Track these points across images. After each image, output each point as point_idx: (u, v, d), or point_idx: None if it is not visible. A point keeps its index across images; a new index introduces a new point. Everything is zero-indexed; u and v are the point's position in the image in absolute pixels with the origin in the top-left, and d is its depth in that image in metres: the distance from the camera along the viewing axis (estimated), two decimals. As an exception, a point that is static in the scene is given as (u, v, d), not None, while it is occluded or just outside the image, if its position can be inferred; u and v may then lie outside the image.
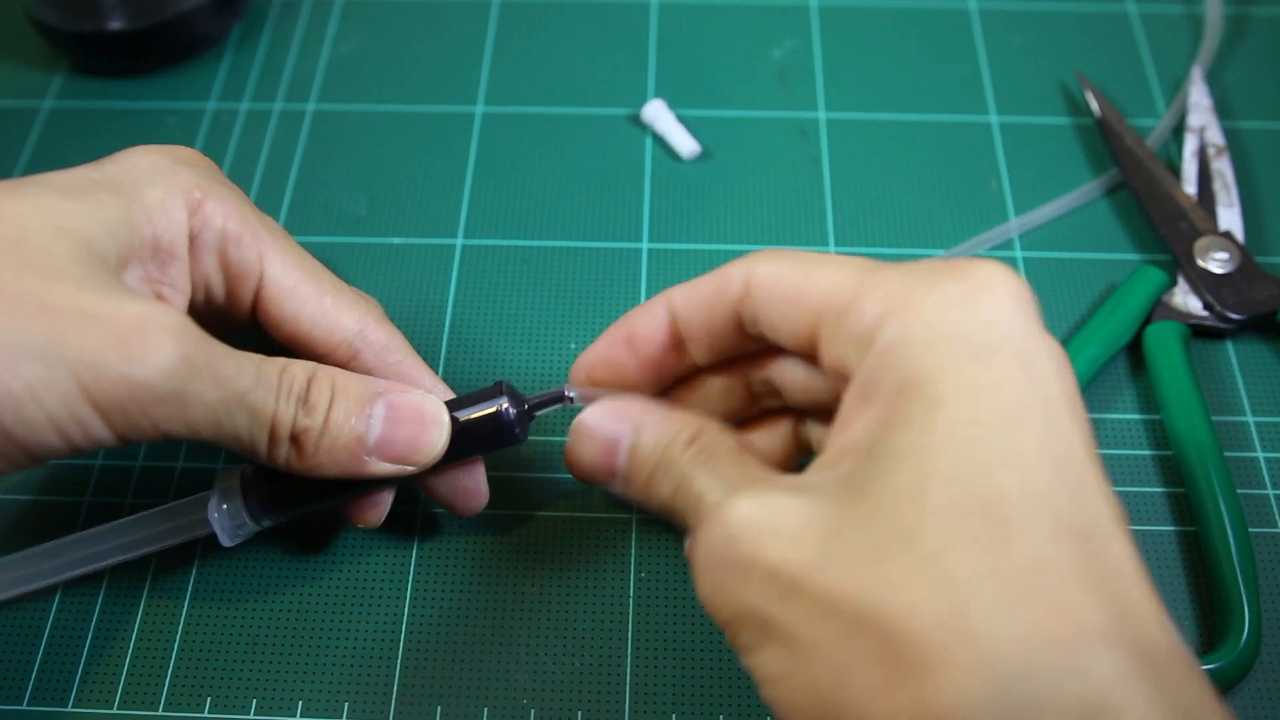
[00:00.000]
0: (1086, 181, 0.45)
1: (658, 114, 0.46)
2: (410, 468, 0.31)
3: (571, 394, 0.32)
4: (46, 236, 0.27)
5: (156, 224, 0.30)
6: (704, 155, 0.46)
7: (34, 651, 0.34)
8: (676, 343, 0.31)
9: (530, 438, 0.38)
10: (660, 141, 0.46)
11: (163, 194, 0.30)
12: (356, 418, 0.30)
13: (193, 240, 0.31)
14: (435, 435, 0.31)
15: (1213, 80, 0.48)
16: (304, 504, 0.33)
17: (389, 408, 0.31)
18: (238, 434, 0.28)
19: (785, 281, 0.28)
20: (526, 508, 0.37)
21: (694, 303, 0.30)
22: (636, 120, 0.47)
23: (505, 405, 0.32)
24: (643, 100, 0.48)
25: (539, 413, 0.32)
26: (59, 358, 0.25)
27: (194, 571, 0.36)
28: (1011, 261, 0.43)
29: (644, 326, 0.31)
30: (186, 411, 0.27)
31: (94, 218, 0.28)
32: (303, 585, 0.35)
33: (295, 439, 0.29)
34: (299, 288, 0.32)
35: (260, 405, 0.29)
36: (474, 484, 0.34)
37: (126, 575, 0.36)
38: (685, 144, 0.46)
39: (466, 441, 0.32)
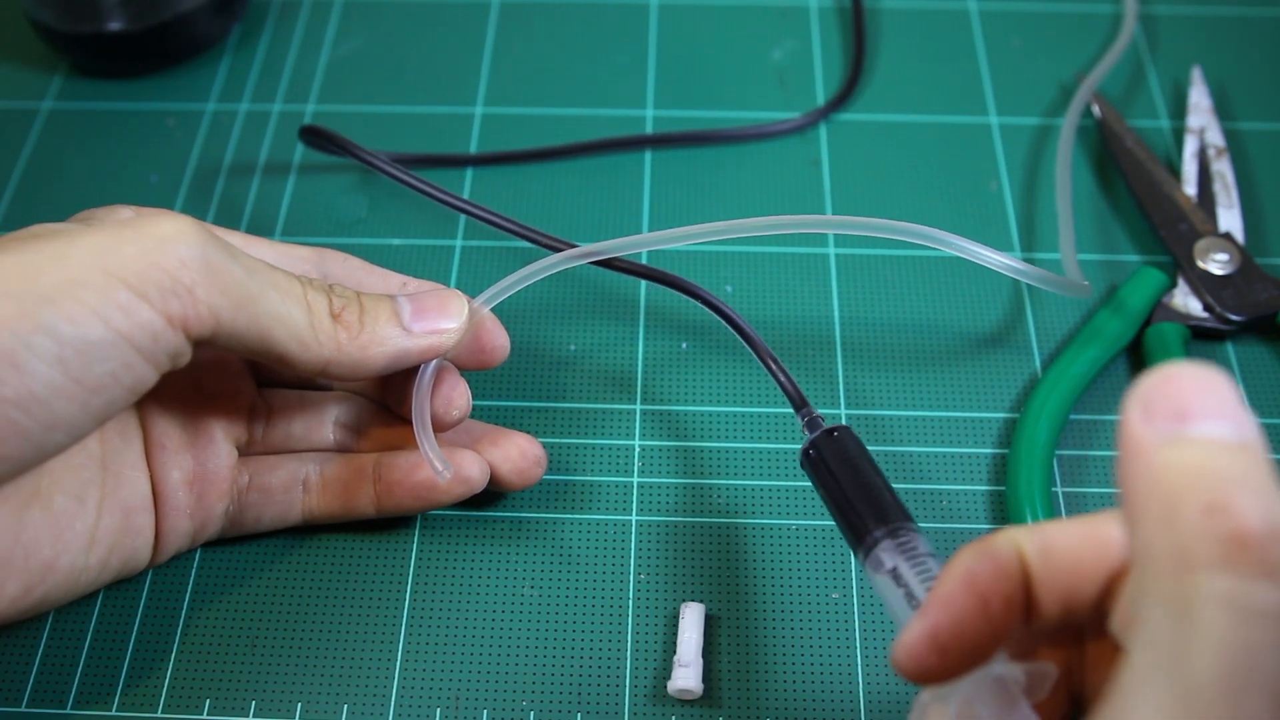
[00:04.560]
0: (1086, 183, 0.45)
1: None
2: (450, 329, 0.33)
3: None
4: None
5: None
6: (704, 158, 0.46)
7: (33, 653, 0.34)
8: (1026, 605, 0.24)
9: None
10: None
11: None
12: (385, 302, 0.32)
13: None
14: (456, 299, 0.33)
15: (1212, 80, 0.48)
16: None
17: (406, 290, 0.34)
18: (274, 311, 0.29)
19: None
20: (526, 509, 0.37)
21: (1064, 552, 0.23)
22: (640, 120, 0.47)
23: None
24: (642, 100, 0.48)
25: None
26: (86, 263, 0.26)
27: (193, 573, 0.36)
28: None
29: (994, 580, 0.23)
30: (217, 280, 0.27)
31: None
32: (302, 586, 0.35)
33: (337, 317, 0.31)
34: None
35: (287, 282, 0.30)
36: (494, 339, 0.35)
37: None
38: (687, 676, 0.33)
39: None
